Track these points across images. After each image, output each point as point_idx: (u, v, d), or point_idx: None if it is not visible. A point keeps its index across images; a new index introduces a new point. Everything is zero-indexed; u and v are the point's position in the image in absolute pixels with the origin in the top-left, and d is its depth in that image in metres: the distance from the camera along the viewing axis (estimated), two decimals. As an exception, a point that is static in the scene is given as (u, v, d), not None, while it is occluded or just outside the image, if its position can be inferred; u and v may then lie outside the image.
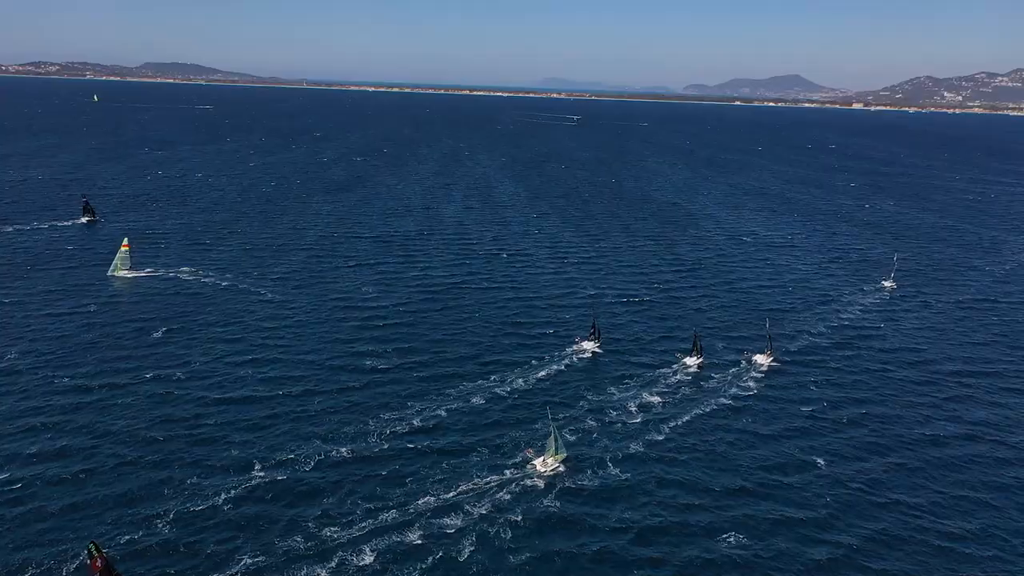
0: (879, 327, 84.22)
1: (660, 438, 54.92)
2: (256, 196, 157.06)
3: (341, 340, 72.60)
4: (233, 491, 46.11)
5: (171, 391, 59.39)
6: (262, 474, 48.09)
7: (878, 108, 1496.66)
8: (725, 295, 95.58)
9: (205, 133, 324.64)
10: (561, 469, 50.02)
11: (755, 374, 68.36)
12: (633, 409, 59.69)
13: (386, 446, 52.23)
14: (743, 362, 70.89)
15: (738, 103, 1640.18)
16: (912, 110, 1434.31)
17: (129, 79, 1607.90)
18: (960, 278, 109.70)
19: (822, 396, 63.98)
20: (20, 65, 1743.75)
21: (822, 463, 52.21)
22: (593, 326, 75.01)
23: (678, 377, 66.94)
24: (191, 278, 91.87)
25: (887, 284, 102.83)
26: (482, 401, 60.42)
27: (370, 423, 55.44)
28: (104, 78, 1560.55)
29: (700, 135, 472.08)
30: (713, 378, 67.26)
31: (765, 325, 76.39)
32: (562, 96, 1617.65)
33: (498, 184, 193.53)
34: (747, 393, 63.85)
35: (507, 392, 62.22)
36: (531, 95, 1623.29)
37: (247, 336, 72.45)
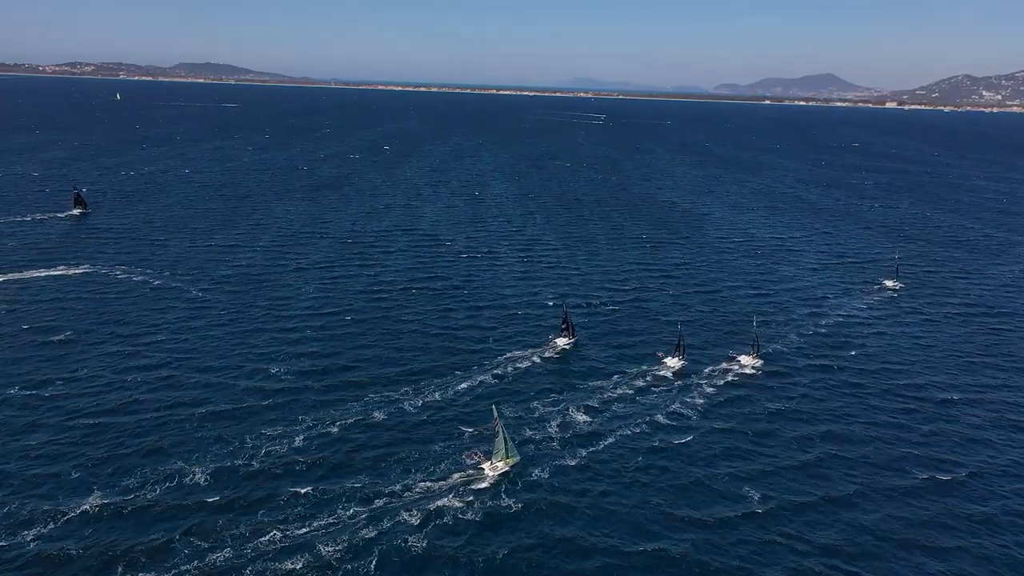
0: (868, 340, 75.60)
1: (589, 476, 47.63)
2: (232, 192, 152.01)
3: (255, 352, 66.00)
4: (51, 524, 40.00)
5: (38, 407, 53.52)
6: (95, 503, 41.90)
7: (912, 107, 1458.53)
8: (713, 300, 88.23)
9: (215, 130, 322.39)
10: (510, 472, 45.65)
11: (727, 391, 61.49)
12: (556, 432, 52.36)
13: (251, 474, 45.60)
14: (722, 369, 65.39)
15: (768, 102, 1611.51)
16: (948, 109, 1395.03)
17: (162, 79, 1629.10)
18: (964, 284, 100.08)
19: (786, 428, 55.73)
20: (56, 65, 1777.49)
21: (760, 512, 44.26)
22: (564, 321, 69.90)
23: (622, 391, 59.68)
24: (123, 276, 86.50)
25: (889, 283, 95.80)
26: (384, 417, 53.87)
27: (247, 446, 48.95)
28: (137, 78, 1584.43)
29: (723, 134, 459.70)
30: (682, 390, 61.04)
31: (752, 325, 70.47)
32: (590, 96, 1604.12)
33: (492, 183, 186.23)
34: (709, 422, 55.95)
35: (416, 408, 55.47)
36: (559, 95, 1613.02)
37: (152, 344, 66.36)
